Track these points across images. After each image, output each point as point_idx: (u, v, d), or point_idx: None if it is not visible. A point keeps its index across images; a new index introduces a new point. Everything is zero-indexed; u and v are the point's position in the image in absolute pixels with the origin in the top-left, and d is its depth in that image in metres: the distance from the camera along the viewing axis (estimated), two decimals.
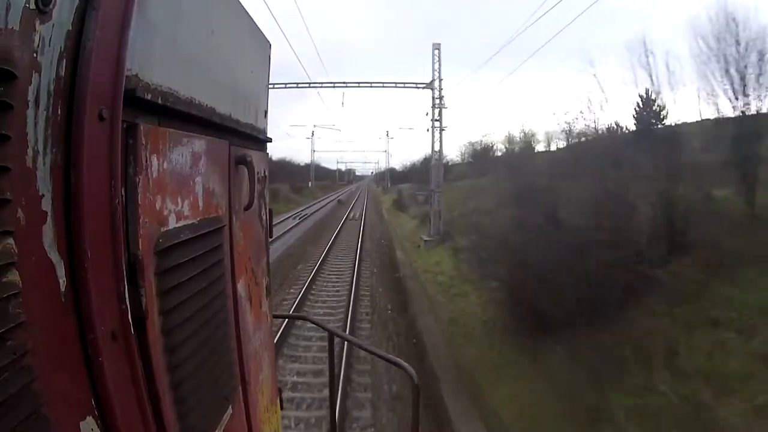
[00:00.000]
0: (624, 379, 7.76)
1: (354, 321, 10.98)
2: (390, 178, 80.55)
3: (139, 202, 0.87)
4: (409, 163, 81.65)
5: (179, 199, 1.04)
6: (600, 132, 15.86)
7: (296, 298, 12.00)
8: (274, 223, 2.01)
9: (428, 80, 23.55)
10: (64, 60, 0.68)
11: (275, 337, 4.48)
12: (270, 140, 1.89)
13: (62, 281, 0.68)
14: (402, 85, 24.27)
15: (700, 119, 13.21)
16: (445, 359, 9.45)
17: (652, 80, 13.70)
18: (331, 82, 24.96)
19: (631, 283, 9.49)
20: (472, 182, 29.82)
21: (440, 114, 23.85)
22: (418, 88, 23.93)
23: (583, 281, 9.54)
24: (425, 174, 37.02)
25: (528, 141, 31.19)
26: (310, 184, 72.15)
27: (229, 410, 1.29)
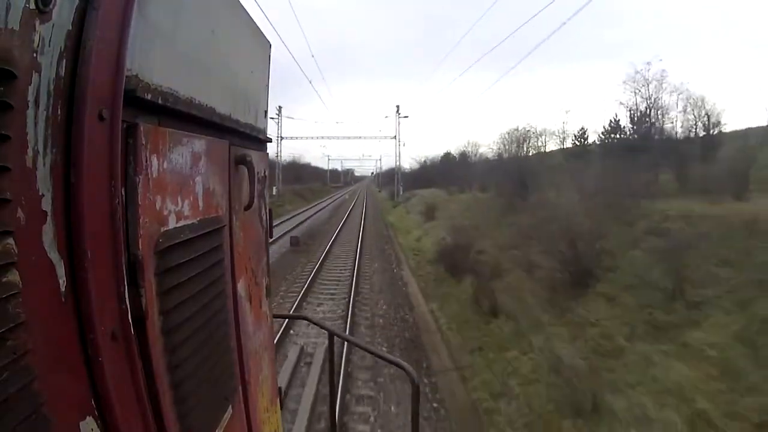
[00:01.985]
0: None
1: None
2: (399, 179, 53.11)
3: (139, 202, 0.87)
4: (424, 159, 63.84)
5: (179, 199, 1.04)
6: None
7: None
8: None
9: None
10: (64, 60, 0.68)
11: (275, 337, 4.46)
12: (270, 140, 1.89)
13: (62, 281, 0.68)
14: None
15: None
16: None
17: None
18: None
19: None
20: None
21: None
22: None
23: None
24: (464, 175, 34.19)
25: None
26: (274, 191, 44.74)
27: (229, 410, 1.29)
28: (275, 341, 3.68)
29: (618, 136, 27.57)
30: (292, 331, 9.80)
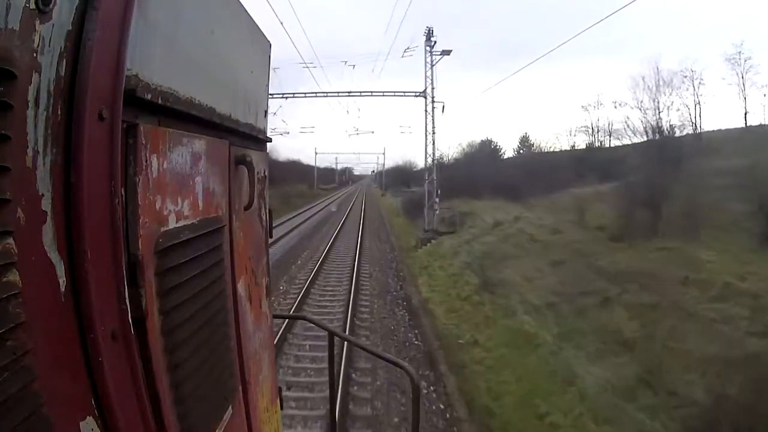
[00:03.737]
0: None
1: None
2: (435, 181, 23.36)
3: (139, 202, 0.87)
4: (454, 152, 40.10)
5: (179, 199, 1.04)
6: None
7: None
8: None
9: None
10: (64, 60, 0.68)
11: (275, 337, 4.43)
12: (270, 140, 1.89)
13: (62, 281, 0.68)
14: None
15: None
16: None
17: None
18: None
19: None
20: None
21: None
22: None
23: None
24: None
25: None
26: None
27: (229, 410, 1.29)
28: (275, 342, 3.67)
29: None
30: None
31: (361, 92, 27.38)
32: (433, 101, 24.56)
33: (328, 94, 27.34)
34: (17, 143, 0.60)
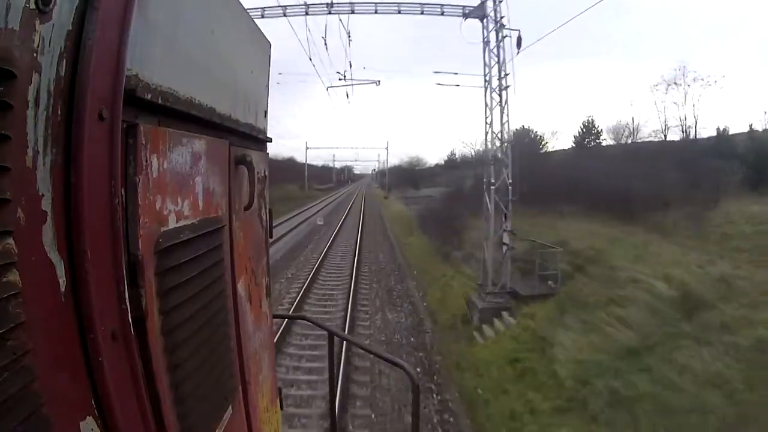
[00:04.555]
0: None
1: None
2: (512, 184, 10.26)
3: (139, 202, 0.88)
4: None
5: (179, 199, 1.04)
6: None
7: None
8: None
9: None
10: (64, 60, 0.68)
11: (275, 337, 4.43)
12: (270, 140, 1.90)
13: (62, 281, 0.68)
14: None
15: None
16: None
17: None
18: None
19: None
20: None
21: None
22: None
23: None
24: None
25: None
26: None
27: (229, 410, 1.29)
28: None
29: None
30: None
31: (352, 2, 13.35)
32: (498, 26, 12.00)
33: (287, 10, 13.14)
34: (17, 143, 0.60)
